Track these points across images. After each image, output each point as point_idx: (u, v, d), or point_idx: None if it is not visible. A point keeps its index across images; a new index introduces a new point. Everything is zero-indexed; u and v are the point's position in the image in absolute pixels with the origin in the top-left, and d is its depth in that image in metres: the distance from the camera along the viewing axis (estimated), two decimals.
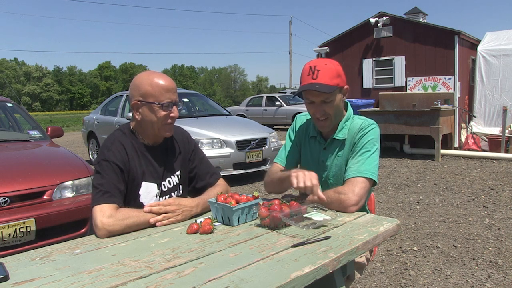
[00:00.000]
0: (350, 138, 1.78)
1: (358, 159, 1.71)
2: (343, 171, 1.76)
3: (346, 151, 1.78)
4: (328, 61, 1.73)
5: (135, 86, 1.66)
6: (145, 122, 1.67)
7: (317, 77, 1.65)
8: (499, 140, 8.21)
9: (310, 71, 1.68)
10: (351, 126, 1.80)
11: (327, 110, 1.71)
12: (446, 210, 4.62)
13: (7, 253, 2.69)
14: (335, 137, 1.80)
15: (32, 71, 73.91)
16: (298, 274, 1.09)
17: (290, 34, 36.51)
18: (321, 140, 1.85)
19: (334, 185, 1.77)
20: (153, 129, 1.68)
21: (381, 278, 2.96)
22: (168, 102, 1.64)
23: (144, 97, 1.64)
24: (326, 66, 1.68)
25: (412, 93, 9.16)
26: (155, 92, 1.63)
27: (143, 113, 1.66)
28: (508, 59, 8.72)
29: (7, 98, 4.97)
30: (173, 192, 1.79)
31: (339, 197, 1.62)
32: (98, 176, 1.60)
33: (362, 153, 1.71)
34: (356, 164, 1.70)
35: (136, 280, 1.09)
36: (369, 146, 1.72)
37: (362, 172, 1.67)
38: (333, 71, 1.68)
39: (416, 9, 10.35)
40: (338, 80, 1.68)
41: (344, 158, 1.78)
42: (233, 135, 6.22)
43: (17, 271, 1.18)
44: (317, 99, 1.69)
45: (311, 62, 1.71)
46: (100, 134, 8.28)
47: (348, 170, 1.71)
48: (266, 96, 17.29)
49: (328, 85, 1.65)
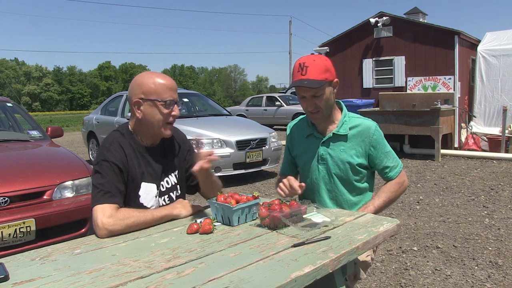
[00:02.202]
0: (359, 137, 1.86)
1: (390, 156, 1.92)
2: (348, 164, 1.85)
3: (355, 147, 1.85)
4: (316, 57, 1.80)
5: (136, 85, 1.67)
6: (146, 120, 1.66)
7: (306, 73, 1.73)
8: (499, 140, 8.21)
9: (299, 68, 1.75)
10: (355, 124, 1.87)
11: (318, 104, 1.78)
12: (446, 210, 4.62)
13: (7, 253, 2.69)
14: (336, 132, 1.86)
15: (32, 71, 73.94)
16: (298, 274, 1.09)
17: (290, 34, 36.51)
18: (318, 135, 1.91)
19: (337, 175, 1.86)
20: (153, 128, 1.68)
21: (381, 278, 2.96)
22: (170, 100, 1.65)
23: (147, 95, 1.64)
24: (315, 62, 1.75)
25: (412, 93, 9.16)
26: (157, 89, 1.63)
27: (145, 111, 1.65)
28: (508, 59, 8.73)
29: (7, 98, 4.97)
30: (172, 192, 1.79)
31: (400, 189, 1.91)
32: (98, 176, 1.60)
33: (388, 152, 1.91)
34: (392, 162, 1.91)
35: (136, 280, 1.09)
36: (386, 143, 1.93)
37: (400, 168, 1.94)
38: (322, 66, 1.75)
39: (416, 9, 10.35)
40: (326, 75, 1.75)
41: (352, 153, 1.85)
42: (233, 135, 6.22)
43: (17, 271, 1.18)
44: (307, 94, 1.77)
45: (301, 59, 1.78)
46: (100, 134, 8.27)
47: (390, 171, 1.91)
48: (266, 96, 17.29)
49: (316, 80, 1.72)
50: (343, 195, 1.88)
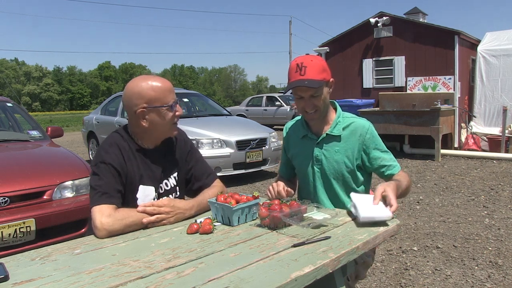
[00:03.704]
0: (352, 137, 1.84)
1: (387, 156, 1.87)
2: (343, 164, 1.84)
3: (349, 147, 1.84)
4: (313, 57, 1.81)
5: (135, 94, 1.62)
6: (153, 127, 1.65)
7: (305, 73, 1.72)
8: (499, 140, 8.21)
9: (297, 68, 1.74)
10: (348, 124, 1.86)
11: (316, 103, 1.78)
12: (446, 210, 4.62)
13: (7, 253, 2.69)
14: (330, 132, 1.86)
15: (32, 71, 73.93)
16: (298, 274, 1.09)
17: (290, 34, 36.50)
18: (313, 136, 1.90)
19: (332, 176, 1.86)
20: (160, 132, 1.68)
21: (381, 278, 2.96)
22: (173, 102, 1.66)
23: (150, 103, 1.62)
24: (312, 62, 1.75)
25: (412, 93, 9.16)
26: (159, 95, 1.62)
27: (151, 119, 1.63)
28: (508, 59, 8.73)
29: (7, 98, 4.97)
30: (171, 194, 1.78)
31: (408, 182, 1.82)
32: (95, 177, 1.59)
33: (384, 152, 1.86)
34: (389, 161, 1.86)
35: (136, 280, 1.09)
36: (382, 143, 1.89)
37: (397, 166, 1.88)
38: (319, 66, 1.75)
39: (416, 9, 10.35)
40: (324, 75, 1.76)
41: (346, 153, 1.84)
42: (233, 135, 6.22)
43: (17, 271, 1.18)
44: (306, 94, 1.77)
45: (298, 59, 1.78)
46: (100, 134, 8.27)
47: (388, 169, 1.84)
48: (266, 96, 17.30)
49: (316, 80, 1.72)
50: (339, 196, 1.87)
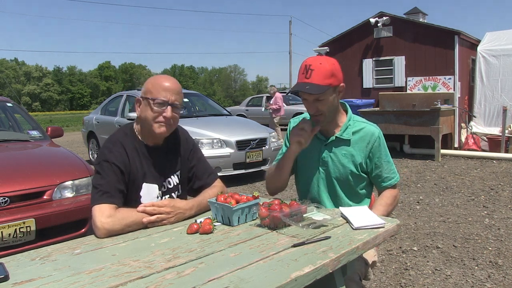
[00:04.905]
0: (361, 142, 1.82)
1: (389, 167, 1.87)
2: (348, 168, 1.81)
3: (357, 152, 1.82)
4: (324, 59, 1.74)
5: (143, 85, 1.75)
6: (141, 118, 1.72)
7: (310, 76, 1.68)
8: (499, 140, 8.20)
9: (304, 70, 1.71)
10: (358, 129, 1.84)
11: (320, 108, 1.74)
12: (446, 210, 4.62)
13: (7, 253, 2.69)
14: (340, 136, 1.83)
15: (32, 71, 73.89)
16: (298, 274, 1.09)
17: (290, 34, 36.49)
18: (321, 136, 1.86)
19: (337, 179, 1.83)
20: (148, 125, 1.70)
21: (381, 278, 2.96)
22: (162, 100, 1.66)
23: (144, 94, 1.70)
24: (321, 66, 1.69)
25: (412, 93, 9.16)
26: (153, 89, 1.68)
27: (141, 108, 1.72)
28: (508, 59, 8.72)
29: (7, 98, 4.97)
30: (173, 192, 1.80)
31: (395, 203, 1.87)
32: (98, 176, 1.61)
33: (387, 162, 1.86)
34: (388, 173, 1.87)
35: (136, 280, 1.09)
36: (387, 153, 1.88)
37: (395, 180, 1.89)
38: (327, 71, 1.69)
39: (416, 9, 10.35)
40: (331, 80, 1.70)
41: (353, 158, 1.82)
42: (233, 135, 6.22)
43: (17, 271, 1.18)
44: (309, 98, 1.73)
45: (308, 60, 1.73)
46: (100, 134, 8.27)
47: (384, 181, 1.86)
48: (266, 96, 17.25)
49: (319, 86, 1.67)
50: (342, 198, 1.86)
